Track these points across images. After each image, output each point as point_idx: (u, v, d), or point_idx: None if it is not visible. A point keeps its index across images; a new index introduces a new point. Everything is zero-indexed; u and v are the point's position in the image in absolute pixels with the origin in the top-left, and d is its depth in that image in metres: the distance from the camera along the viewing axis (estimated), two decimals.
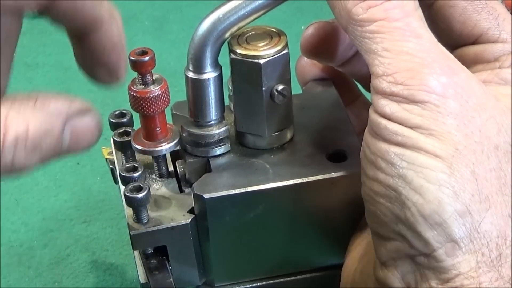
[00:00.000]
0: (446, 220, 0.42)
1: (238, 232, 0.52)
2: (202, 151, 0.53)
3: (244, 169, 0.52)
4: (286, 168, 0.52)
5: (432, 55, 0.44)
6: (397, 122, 0.43)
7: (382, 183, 0.44)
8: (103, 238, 0.69)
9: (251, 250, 0.53)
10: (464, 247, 0.42)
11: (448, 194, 0.42)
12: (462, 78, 0.44)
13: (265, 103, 0.51)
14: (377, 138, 0.44)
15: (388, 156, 0.43)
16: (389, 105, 0.44)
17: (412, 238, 0.43)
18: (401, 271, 0.44)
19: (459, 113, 0.43)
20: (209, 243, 0.52)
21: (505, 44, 0.48)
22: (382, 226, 0.45)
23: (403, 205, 0.43)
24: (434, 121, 0.43)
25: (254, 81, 0.51)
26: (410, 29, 0.44)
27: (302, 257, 0.54)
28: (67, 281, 0.65)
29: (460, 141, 0.43)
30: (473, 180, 0.43)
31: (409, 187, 0.43)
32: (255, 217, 0.51)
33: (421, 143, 0.43)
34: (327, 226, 0.53)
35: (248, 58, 0.50)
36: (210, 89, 0.52)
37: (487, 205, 0.43)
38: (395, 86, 0.43)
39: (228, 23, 0.50)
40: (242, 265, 0.54)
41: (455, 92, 0.43)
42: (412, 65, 0.43)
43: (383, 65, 0.44)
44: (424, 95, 0.43)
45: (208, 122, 0.53)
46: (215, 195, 0.50)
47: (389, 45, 0.44)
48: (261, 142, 0.53)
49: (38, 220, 0.71)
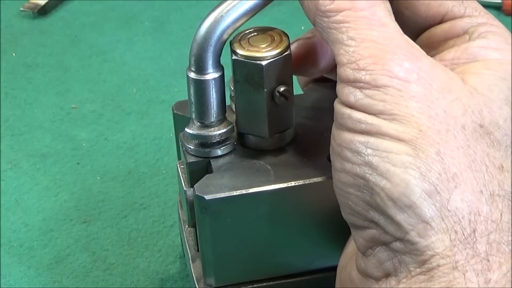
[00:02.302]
0: (415, 201, 0.43)
1: (239, 233, 0.52)
2: (204, 152, 0.53)
3: (246, 170, 0.52)
4: (288, 169, 0.52)
5: (396, 42, 0.45)
6: (361, 110, 0.44)
7: (350, 172, 0.45)
8: (103, 238, 0.69)
9: (252, 251, 0.53)
10: (436, 227, 0.43)
11: (415, 175, 0.43)
12: (426, 63, 0.45)
13: (267, 104, 0.52)
14: (341, 129, 0.45)
15: (353, 146, 0.44)
16: (352, 92, 0.44)
17: (385, 223, 0.44)
18: (379, 260, 0.45)
19: (423, 96, 0.44)
20: (210, 244, 0.52)
21: (472, 17, 0.49)
22: (355, 216, 0.45)
23: (372, 191, 0.44)
24: (396, 105, 0.44)
25: (256, 82, 0.51)
26: (375, 18, 0.45)
27: (303, 258, 0.54)
28: (67, 281, 0.65)
29: (424, 122, 0.43)
30: (438, 159, 0.43)
31: (375, 173, 0.43)
32: (257, 218, 0.51)
33: (384, 129, 0.44)
34: (329, 227, 0.53)
35: (250, 60, 0.50)
36: (212, 89, 0.52)
37: (455, 182, 0.43)
38: (358, 72, 0.44)
39: (229, 21, 0.50)
40: (243, 266, 0.54)
41: (418, 77, 0.44)
42: (375, 51, 0.44)
43: (348, 53, 0.45)
44: (386, 79, 0.44)
45: (210, 123, 0.53)
46: (216, 197, 0.50)
47: (354, 34, 0.45)
48: (263, 143, 0.53)
49: (38, 220, 0.70)
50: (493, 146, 0.45)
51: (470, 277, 0.42)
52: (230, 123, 0.54)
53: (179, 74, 0.54)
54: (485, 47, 0.47)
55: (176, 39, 0.91)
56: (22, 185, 0.74)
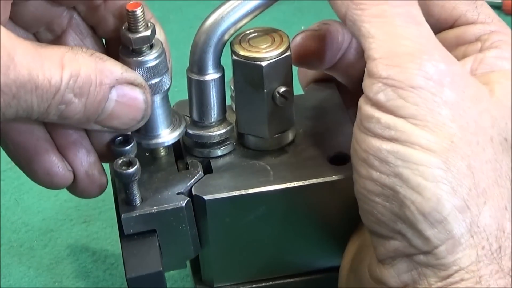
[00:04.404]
0: (446, 217, 0.42)
1: (238, 234, 0.52)
2: (203, 152, 0.53)
3: (245, 171, 0.52)
4: (287, 170, 0.52)
5: (432, 42, 0.44)
6: (391, 113, 0.43)
7: (377, 181, 0.43)
8: (103, 238, 0.69)
9: (251, 251, 0.53)
10: (464, 243, 0.42)
11: (446, 191, 0.42)
12: (458, 68, 0.44)
13: (267, 105, 0.51)
14: (368, 134, 0.43)
15: (381, 154, 0.43)
16: (384, 91, 0.43)
17: (413, 236, 0.43)
18: (398, 270, 0.44)
19: (455, 103, 0.43)
20: (209, 244, 0.52)
21: (485, 24, 0.48)
22: (380, 225, 0.44)
23: (402, 204, 0.43)
24: (429, 111, 0.42)
25: (256, 83, 0.51)
26: (411, 16, 0.44)
27: (302, 259, 0.54)
28: (67, 281, 0.65)
29: (455, 133, 0.42)
30: (469, 174, 0.42)
31: (406, 185, 0.42)
32: (256, 218, 0.51)
33: (415, 138, 0.42)
34: (328, 228, 0.53)
35: (250, 60, 0.50)
36: (212, 90, 0.52)
37: (484, 198, 0.42)
38: (392, 69, 0.43)
39: (229, 23, 0.50)
40: (242, 267, 0.54)
41: (452, 81, 0.43)
42: (412, 50, 0.43)
43: (381, 48, 0.43)
44: (421, 80, 0.42)
45: (210, 123, 0.53)
46: (215, 197, 0.50)
47: (389, 29, 0.44)
48: (263, 144, 0.53)
49: (38, 220, 0.71)
50: None
51: None
52: (230, 123, 0.54)
53: (179, 74, 0.54)
54: (501, 58, 0.46)
55: (176, 39, 0.91)
56: (22, 185, 0.74)
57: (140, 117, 0.47)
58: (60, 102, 0.43)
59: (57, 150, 0.50)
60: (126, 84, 0.46)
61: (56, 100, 0.43)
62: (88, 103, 0.44)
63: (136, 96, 0.46)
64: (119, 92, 0.46)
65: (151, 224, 0.50)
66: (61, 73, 0.43)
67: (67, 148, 0.51)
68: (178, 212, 0.50)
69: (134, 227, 0.50)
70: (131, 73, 0.46)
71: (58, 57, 0.43)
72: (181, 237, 0.51)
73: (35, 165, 0.50)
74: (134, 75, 0.47)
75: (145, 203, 0.50)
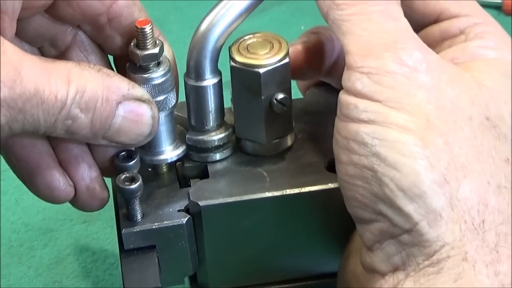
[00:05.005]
0: (425, 191, 0.42)
1: (233, 239, 0.52)
2: (201, 156, 0.53)
3: (242, 177, 0.52)
4: (284, 176, 0.52)
5: (408, 34, 0.45)
6: (367, 98, 0.44)
7: (357, 164, 0.44)
8: (103, 238, 0.69)
9: (247, 256, 0.53)
10: (446, 217, 0.43)
11: (424, 166, 0.43)
12: (435, 56, 0.45)
13: (264, 112, 0.51)
14: (346, 121, 0.45)
15: (359, 137, 0.44)
16: (360, 79, 0.44)
17: (393, 215, 0.43)
18: (387, 253, 0.45)
19: (431, 86, 0.44)
20: (205, 248, 0.52)
21: (468, 17, 0.49)
22: (362, 209, 0.45)
23: (381, 182, 0.43)
24: (405, 93, 0.43)
25: (254, 89, 0.51)
26: (389, 13, 0.46)
27: (297, 265, 0.54)
28: (67, 281, 0.66)
29: (431, 112, 0.43)
30: (447, 149, 0.43)
31: (384, 163, 0.43)
32: (251, 225, 0.51)
33: (392, 118, 0.43)
34: (324, 234, 0.53)
35: (248, 67, 0.50)
36: (210, 95, 0.52)
37: (464, 172, 0.43)
38: (368, 58, 0.44)
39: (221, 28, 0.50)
40: (238, 271, 0.54)
41: (428, 67, 0.44)
42: (388, 41, 0.44)
43: (358, 42, 0.45)
44: (395, 66, 0.44)
45: (208, 128, 0.53)
46: (211, 203, 0.50)
47: (368, 25, 0.45)
48: (260, 149, 0.53)
49: (38, 220, 0.71)
50: (499, 139, 0.45)
51: (479, 268, 0.42)
52: (229, 127, 0.53)
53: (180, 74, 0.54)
54: (484, 47, 0.47)
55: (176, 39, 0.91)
56: (22, 185, 0.73)
57: (147, 133, 0.48)
58: (67, 117, 0.44)
59: (59, 164, 0.51)
60: (133, 100, 0.47)
61: (63, 115, 0.44)
62: (94, 118, 0.45)
63: (143, 112, 0.47)
64: (126, 108, 0.47)
65: (151, 240, 0.51)
66: (67, 88, 0.43)
67: (69, 163, 0.51)
68: (178, 229, 0.51)
69: (134, 243, 0.51)
70: (138, 89, 0.47)
71: (64, 72, 0.44)
72: (181, 254, 0.52)
73: (36, 179, 0.51)
74: (141, 91, 0.47)
75: (146, 219, 0.51)
